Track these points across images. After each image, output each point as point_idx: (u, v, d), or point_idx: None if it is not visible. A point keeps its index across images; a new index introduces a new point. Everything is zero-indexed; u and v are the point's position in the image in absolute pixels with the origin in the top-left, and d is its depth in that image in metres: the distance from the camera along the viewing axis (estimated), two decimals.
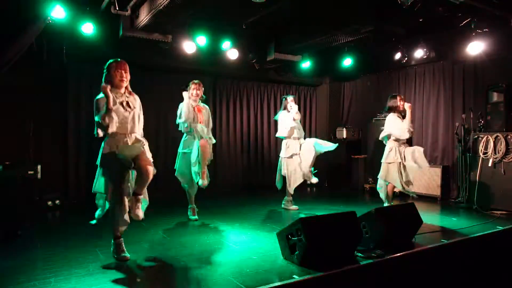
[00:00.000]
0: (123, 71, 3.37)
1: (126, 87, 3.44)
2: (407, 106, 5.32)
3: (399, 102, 5.32)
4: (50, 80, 5.97)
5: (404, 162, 5.15)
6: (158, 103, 7.01)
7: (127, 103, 3.38)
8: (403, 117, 5.31)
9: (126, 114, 3.34)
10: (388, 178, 5.27)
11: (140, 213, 3.32)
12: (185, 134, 4.99)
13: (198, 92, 4.98)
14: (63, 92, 6.16)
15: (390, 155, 5.24)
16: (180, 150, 4.94)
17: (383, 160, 5.34)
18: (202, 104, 5.08)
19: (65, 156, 6.20)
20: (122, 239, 3.39)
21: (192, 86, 4.98)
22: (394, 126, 5.22)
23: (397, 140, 5.23)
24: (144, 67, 6.65)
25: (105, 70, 3.40)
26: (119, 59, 3.43)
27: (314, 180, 5.76)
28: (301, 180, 5.77)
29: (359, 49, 7.38)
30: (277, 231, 3.57)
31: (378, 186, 5.48)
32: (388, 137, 5.33)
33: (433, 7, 5.06)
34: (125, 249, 3.37)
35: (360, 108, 8.66)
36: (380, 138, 5.54)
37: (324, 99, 8.96)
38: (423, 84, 7.37)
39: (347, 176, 8.19)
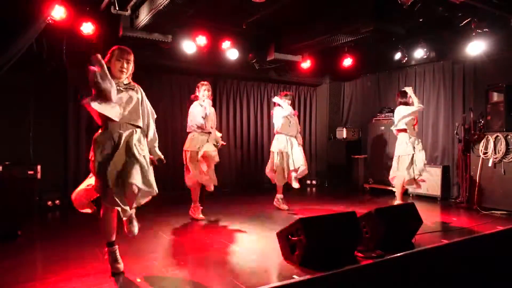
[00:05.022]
0: (124, 62, 3.05)
1: (127, 79, 3.13)
2: (409, 89, 5.54)
3: (409, 99, 5.50)
4: (50, 80, 5.97)
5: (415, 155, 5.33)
6: (158, 103, 7.00)
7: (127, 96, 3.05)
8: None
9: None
10: (399, 170, 5.40)
11: (134, 229, 3.02)
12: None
13: (209, 93, 5.05)
14: (63, 92, 6.15)
15: (401, 148, 5.39)
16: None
17: (396, 154, 5.50)
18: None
19: (65, 156, 6.20)
20: (116, 246, 3.04)
21: (203, 87, 5.03)
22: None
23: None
24: (144, 67, 6.63)
25: (108, 55, 3.08)
26: (124, 47, 3.10)
27: (296, 185, 5.76)
28: (284, 181, 5.73)
29: (359, 49, 7.39)
30: (277, 231, 3.57)
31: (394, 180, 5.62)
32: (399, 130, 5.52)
33: (433, 7, 5.06)
34: (119, 258, 3.03)
35: (360, 108, 8.66)
36: (393, 128, 5.68)
37: (324, 99, 8.96)
38: (423, 84, 7.37)
39: (347, 176, 8.19)
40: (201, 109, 4.96)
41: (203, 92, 5.01)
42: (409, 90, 5.54)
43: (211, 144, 5.02)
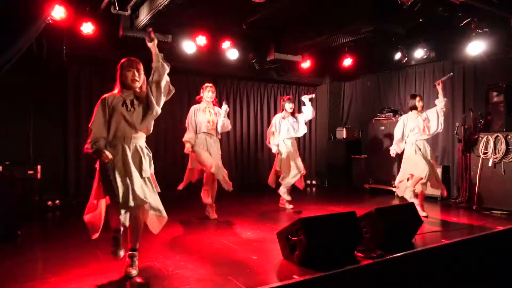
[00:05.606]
0: (135, 70, 3.06)
1: (140, 88, 3.10)
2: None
3: (417, 103, 5.36)
4: (50, 80, 5.97)
5: (428, 158, 5.20)
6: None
7: (132, 101, 3.04)
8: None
9: (127, 114, 3.00)
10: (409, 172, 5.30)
11: (133, 272, 3.03)
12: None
13: (213, 95, 5.01)
14: (63, 92, 6.16)
15: (407, 148, 5.32)
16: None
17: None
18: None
19: (65, 156, 6.20)
20: (121, 233, 3.03)
21: (207, 88, 4.99)
22: (398, 129, 5.40)
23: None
24: (144, 67, 6.65)
25: (118, 69, 3.10)
26: (132, 58, 3.13)
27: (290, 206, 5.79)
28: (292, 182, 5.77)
29: (359, 49, 7.39)
30: (277, 231, 3.57)
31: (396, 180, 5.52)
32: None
33: (433, 7, 5.06)
34: (121, 244, 3.05)
35: (360, 108, 8.66)
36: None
37: (324, 99, 8.97)
38: (423, 84, 7.36)
39: (347, 176, 8.19)
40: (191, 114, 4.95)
41: (207, 93, 4.98)
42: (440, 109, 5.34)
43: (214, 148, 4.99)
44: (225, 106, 4.99)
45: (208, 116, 4.97)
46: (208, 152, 4.91)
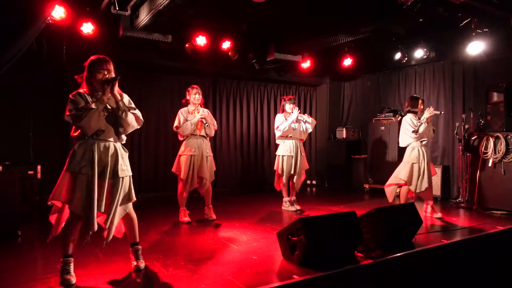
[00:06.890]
0: (105, 71, 2.89)
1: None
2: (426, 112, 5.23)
3: (419, 106, 5.24)
4: (50, 80, 5.97)
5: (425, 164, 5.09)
6: (158, 104, 7.02)
7: (105, 107, 2.89)
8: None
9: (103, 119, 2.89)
10: (404, 178, 5.17)
11: (142, 264, 3.12)
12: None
13: (200, 96, 4.93)
14: (63, 92, 6.14)
15: (413, 154, 5.12)
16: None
17: (404, 160, 5.20)
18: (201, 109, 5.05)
19: (65, 156, 6.18)
20: (71, 258, 2.89)
21: (194, 90, 4.90)
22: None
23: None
24: (144, 67, 6.66)
25: (86, 69, 2.93)
26: (101, 56, 2.95)
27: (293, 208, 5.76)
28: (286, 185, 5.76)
29: (359, 49, 7.39)
30: (277, 231, 3.57)
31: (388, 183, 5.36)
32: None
33: (433, 7, 5.07)
34: (72, 271, 2.86)
35: (360, 108, 8.67)
36: (402, 145, 5.35)
37: (324, 99, 8.97)
38: (423, 84, 7.37)
39: (347, 176, 8.19)
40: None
41: (194, 96, 4.89)
42: (426, 113, 5.22)
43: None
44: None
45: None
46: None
